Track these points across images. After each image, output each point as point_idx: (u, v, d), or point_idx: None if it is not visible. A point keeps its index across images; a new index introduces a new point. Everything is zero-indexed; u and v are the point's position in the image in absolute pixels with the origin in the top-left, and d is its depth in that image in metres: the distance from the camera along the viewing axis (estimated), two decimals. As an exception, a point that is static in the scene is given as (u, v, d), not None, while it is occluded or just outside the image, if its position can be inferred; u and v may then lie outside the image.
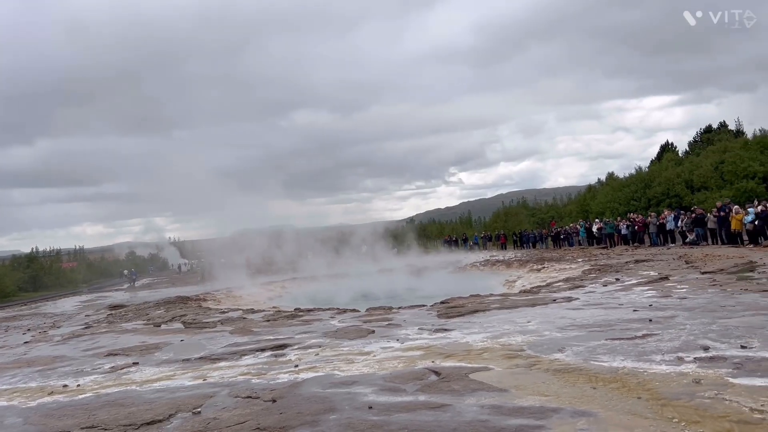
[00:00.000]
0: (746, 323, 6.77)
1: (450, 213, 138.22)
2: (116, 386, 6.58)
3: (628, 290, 11.30)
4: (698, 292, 9.93)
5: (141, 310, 17.30)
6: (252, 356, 7.78)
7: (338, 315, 11.85)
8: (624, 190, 44.05)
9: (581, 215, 44.22)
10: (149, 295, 25.46)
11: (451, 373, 5.60)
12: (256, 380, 6.18)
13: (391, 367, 6.22)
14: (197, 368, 7.29)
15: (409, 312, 11.29)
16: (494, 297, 12.57)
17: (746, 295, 8.97)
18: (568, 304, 10.23)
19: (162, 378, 6.85)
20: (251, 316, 13.06)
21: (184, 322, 12.68)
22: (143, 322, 13.77)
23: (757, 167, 34.78)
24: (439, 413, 4.37)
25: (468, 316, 9.77)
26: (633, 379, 4.87)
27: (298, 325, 10.72)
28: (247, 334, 9.97)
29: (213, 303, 19.80)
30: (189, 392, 5.87)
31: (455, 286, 19.96)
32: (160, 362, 7.98)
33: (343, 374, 6.06)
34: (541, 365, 5.69)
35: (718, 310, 7.84)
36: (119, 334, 11.78)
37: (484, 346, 6.96)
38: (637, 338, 6.53)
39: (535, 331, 7.67)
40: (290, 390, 5.52)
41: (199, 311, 15.59)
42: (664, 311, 8.21)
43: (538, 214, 61.45)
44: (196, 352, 8.48)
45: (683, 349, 5.79)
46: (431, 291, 19.53)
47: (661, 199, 38.86)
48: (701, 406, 4.00)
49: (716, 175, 37.00)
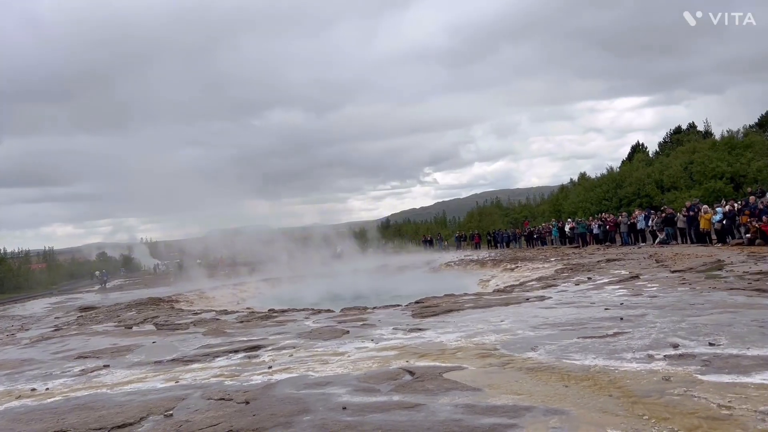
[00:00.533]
0: (714, 321, 6.89)
1: (425, 213, 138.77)
2: (86, 389, 6.47)
3: (599, 289, 11.44)
4: (668, 290, 10.09)
5: (112, 311, 17.06)
6: (225, 358, 7.71)
7: (313, 315, 11.81)
8: (596, 190, 44.63)
9: (554, 215, 44.70)
10: (120, 297, 25.12)
11: (425, 372, 5.61)
12: (229, 382, 6.12)
13: (365, 367, 6.21)
14: (169, 370, 7.20)
15: (383, 312, 11.29)
16: (468, 296, 12.63)
17: (714, 294, 9.14)
18: (541, 303, 10.32)
19: (133, 380, 6.75)
20: (224, 317, 12.96)
21: (156, 324, 12.53)
22: (114, 323, 13.57)
23: (725, 168, 35.50)
24: (413, 413, 4.38)
25: (442, 316, 9.80)
26: (604, 377, 4.92)
27: (272, 326, 10.66)
28: (221, 336, 9.89)
29: (186, 304, 19.63)
30: (161, 395, 5.80)
31: (430, 285, 20.03)
32: (132, 364, 7.87)
33: (318, 375, 6.04)
34: (514, 364, 5.72)
35: (688, 309, 7.97)
36: (90, 336, 11.59)
37: (458, 345, 6.99)
38: (608, 336, 6.61)
39: (508, 330, 7.73)
40: (264, 391, 5.48)
41: (172, 313, 15.42)
42: (635, 309, 8.32)
43: (511, 214, 61.99)
44: (168, 354, 8.38)
45: (653, 346, 5.88)
46: (406, 290, 19.57)
47: (632, 199, 39.43)
48: (671, 403, 4.06)
49: (685, 175, 37.67)
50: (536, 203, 65.61)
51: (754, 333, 6.04)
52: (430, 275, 27.01)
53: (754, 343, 5.58)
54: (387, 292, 20.96)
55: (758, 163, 34.64)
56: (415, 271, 28.37)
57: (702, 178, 36.13)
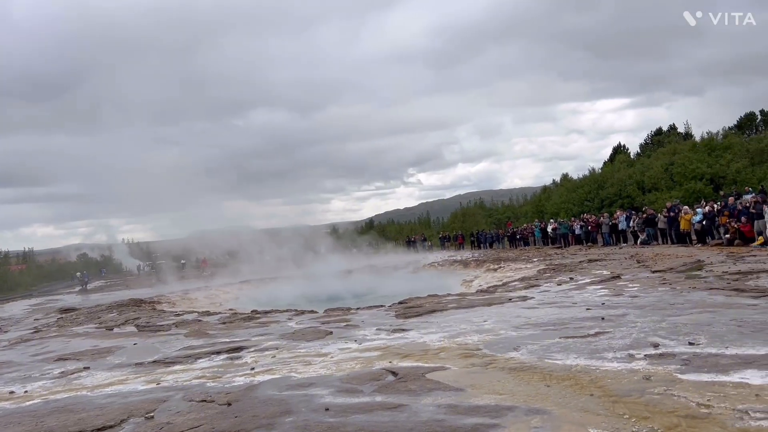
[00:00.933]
0: (694, 320, 6.97)
1: (409, 213, 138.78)
2: (66, 392, 6.40)
3: (581, 289, 11.52)
4: (649, 290, 10.19)
5: (93, 313, 16.89)
6: (207, 359, 7.66)
7: (296, 316, 11.77)
8: (578, 191, 44.98)
9: (537, 216, 44.95)
10: (102, 298, 24.88)
11: (408, 373, 5.61)
12: (211, 383, 6.09)
13: (348, 368, 6.21)
14: (151, 372, 7.14)
15: (367, 313, 11.29)
16: (452, 297, 12.66)
17: (694, 293, 9.24)
18: (524, 303, 10.37)
19: (114, 382, 6.69)
20: (207, 319, 12.88)
21: (138, 326, 12.42)
22: (95, 325, 13.44)
23: (705, 169, 35.92)
24: (395, 413, 4.38)
25: (426, 316, 9.81)
26: (586, 376, 4.96)
27: (255, 327, 10.61)
28: (203, 337, 9.83)
29: (168, 305, 19.48)
30: (142, 397, 5.75)
31: (414, 286, 20.06)
32: (113, 366, 7.80)
33: (300, 376, 6.02)
34: (496, 364, 5.75)
35: (668, 308, 8.05)
36: (70, 338, 11.47)
37: (441, 345, 7.00)
38: (589, 336, 6.66)
39: (491, 330, 7.76)
40: (246, 393, 5.45)
41: (153, 314, 15.30)
42: (616, 309, 8.39)
43: (494, 214, 62.28)
44: (149, 356, 8.32)
45: (634, 346, 5.93)
46: (390, 291, 19.58)
47: (613, 199, 39.77)
48: (651, 402, 4.10)
49: (666, 176, 38.07)
50: (519, 204, 66.06)
51: (732, 332, 6.12)
52: (413, 276, 27.04)
53: (733, 343, 5.65)
54: (371, 293, 20.96)
55: (737, 164, 35.08)
56: (398, 272, 28.38)
57: (682, 180, 36.54)
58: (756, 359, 4.98)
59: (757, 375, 4.53)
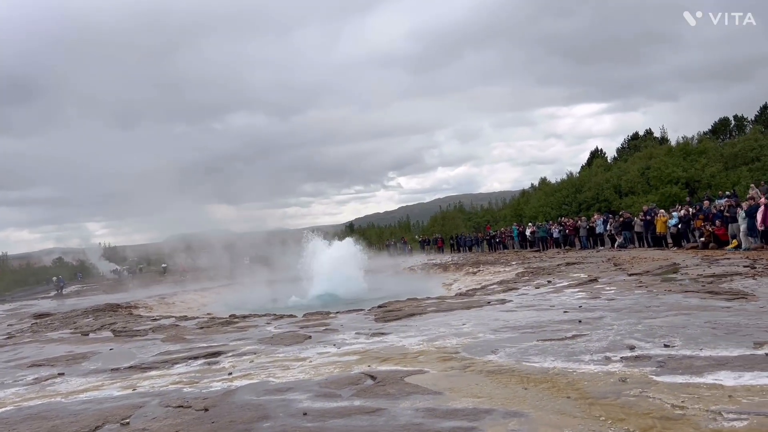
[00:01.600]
0: (669, 323, 7.05)
1: (389, 217, 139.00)
2: (40, 398, 6.30)
3: (559, 292, 11.60)
4: (625, 293, 10.30)
5: (68, 318, 16.66)
6: (184, 364, 7.59)
7: (275, 321, 11.70)
8: (556, 194, 45.39)
9: (515, 219, 45.24)
10: (77, 303, 24.55)
11: (386, 377, 5.61)
12: (188, 389, 6.03)
13: (327, 372, 6.19)
14: (127, 378, 7.06)
15: (346, 316, 11.26)
16: (431, 300, 12.69)
17: (670, 296, 9.36)
18: (502, 306, 10.43)
19: (89, 389, 6.59)
20: (184, 323, 12.76)
21: (114, 330, 12.27)
22: (70, 330, 13.25)
23: (680, 173, 36.46)
24: (374, 418, 4.37)
25: (405, 320, 9.82)
26: (563, 379, 4.99)
27: (233, 331, 10.54)
28: (180, 342, 9.73)
29: (144, 310, 19.29)
30: (117, 403, 5.67)
31: (393, 289, 20.07)
32: (88, 372, 7.69)
33: (278, 381, 5.98)
34: (475, 367, 5.76)
35: (644, 311, 8.14)
36: (44, 343, 11.30)
37: (420, 349, 7.01)
38: (567, 339, 6.71)
39: (469, 333, 7.78)
40: (223, 398, 5.40)
41: (130, 319, 15.13)
42: (593, 312, 8.47)
43: (474, 218, 62.58)
44: (125, 361, 8.21)
45: (610, 348, 5.98)
46: (370, 294, 19.56)
47: (591, 203, 40.18)
48: (627, 404, 4.14)
49: (642, 180, 38.57)
50: (498, 208, 66.46)
51: (706, 334, 6.20)
52: (393, 279, 27.04)
53: (707, 344, 5.73)
54: (351, 296, 20.90)
55: (712, 168, 35.67)
56: (378, 275, 28.36)
57: (658, 183, 37.04)
58: (729, 361, 5.05)
59: (730, 376, 4.60)
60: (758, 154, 35.25)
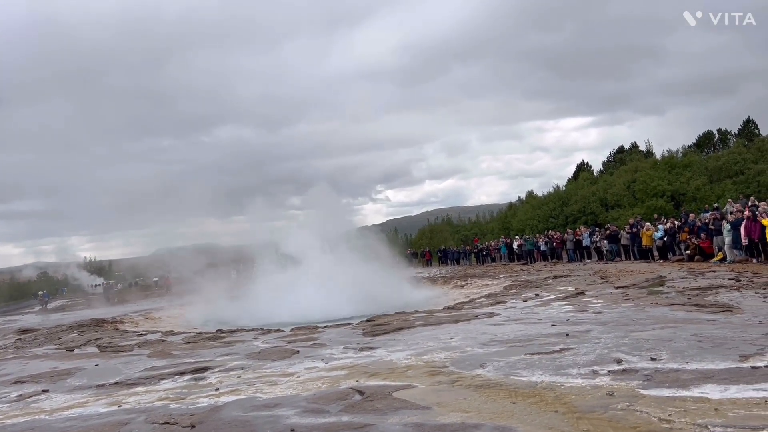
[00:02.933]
0: (656, 336, 7.09)
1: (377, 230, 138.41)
2: (23, 416, 6.21)
3: (546, 305, 11.63)
4: (612, 306, 10.34)
5: (53, 333, 16.46)
6: (171, 380, 7.52)
7: (262, 336, 11.63)
8: (543, 207, 45.61)
9: (503, 232, 45.39)
10: (62, 318, 24.29)
11: (374, 392, 5.59)
12: (174, 405, 5.97)
13: (314, 387, 6.16)
14: (112, 394, 6.98)
15: (334, 331, 11.21)
16: (419, 314, 12.66)
17: (656, 309, 9.41)
18: (490, 319, 10.43)
19: (74, 405, 6.51)
20: (170, 339, 12.65)
21: (99, 346, 12.14)
22: (55, 346, 13.10)
23: (666, 186, 36.78)
24: (362, 433, 4.35)
25: (393, 334, 9.80)
26: (550, 393, 5.00)
27: (220, 347, 10.46)
28: (166, 357, 9.64)
29: (130, 325, 19.08)
30: (103, 419, 5.61)
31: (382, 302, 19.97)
32: (73, 389, 7.60)
33: (266, 396, 5.95)
34: (463, 381, 5.76)
35: (631, 324, 8.18)
36: (28, 359, 11.16)
37: (408, 363, 6.99)
38: (554, 352, 6.73)
39: (457, 347, 7.77)
40: (210, 414, 5.36)
41: (116, 334, 14.98)
42: (580, 325, 8.50)
43: (462, 231, 62.73)
44: (111, 377, 8.13)
45: (598, 362, 6.00)
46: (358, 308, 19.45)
47: (577, 216, 40.40)
48: (614, 418, 4.15)
49: (628, 193, 38.86)
50: (486, 221, 66.66)
51: (692, 347, 6.24)
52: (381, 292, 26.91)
53: (693, 358, 5.76)
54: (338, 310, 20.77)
55: (696, 182, 36.02)
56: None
57: (644, 196, 37.33)
58: (715, 374, 5.08)
59: (716, 389, 4.63)
60: (742, 168, 35.66)
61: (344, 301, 18.62)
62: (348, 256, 22.70)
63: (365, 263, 22.58)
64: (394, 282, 22.62)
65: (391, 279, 22.81)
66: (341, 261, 22.27)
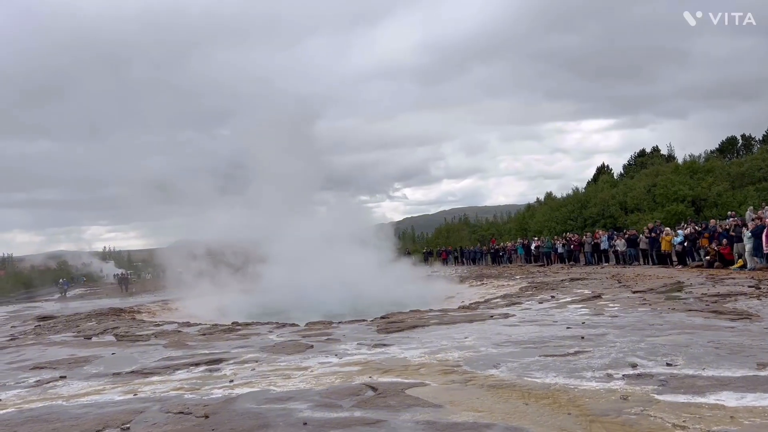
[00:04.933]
0: (672, 341, 7.03)
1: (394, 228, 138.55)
2: (41, 401, 6.31)
3: (562, 308, 11.57)
4: (629, 310, 10.26)
5: (71, 321, 16.68)
6: (186, 370, 7.59)
7: (277, 329, 11.70)
8: (561, 209, 45.27)
9: (520, 233, 45.18)
10: (81, 306, 24.57)
11: (387, 388, 5.60)
12: (189, 395, 6.03)
13: (328, 382, 6.18)
14: (128, 382, 7.06)
15: (349, 327, 11.25)
16: (434, 312, 12.67)
17: (673, 315, 9.33)
18: (505, 320, 10.40)
19: (90, 392, 6.60)
20: (186, 330, 12.77)
21: (117, 335, 12.28)
22: (73, 334, 13.27)
23: (687, 191, 36.34)
24: (374, 429, 4.37)
25: (407, 332, 9.81)
26: (564, 395, 4.98)
27: (235, 339, 10.54)
28: (182, 348, 9.74)
29: (147, 315, 19.27)
30: (118, 407, 5.68)
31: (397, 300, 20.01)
32: (89, 376, 7.70)
33: (279, 390, 5.98)
34: (476, 381, 5.76)
35: (647, 329, 8.12)
36: (47, 346, 11.32)
37: (422, 361, 7.00)
38: (569, 355, 6.70)
39: (471, 347, 7.77)
40: (224, 405, 5.41)
41: (133, 324, 15.14)
42: (596, 329, 8.45)
43: (479, 231, 62.53)
44: (127, 366, 8.22)
45: (613, 366, 5.97)
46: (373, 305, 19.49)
47: (596, 219, 40.06)
48: (627, 422, 4.13)
49: (648, 197, 38.46)
50: (503, 221, 66.40)
51: (710, 354, 6.18)
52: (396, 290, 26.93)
53: (710, 364, 5.71)
54: (353, 306, 20.83)
55: (718, 187, 35.56)
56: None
57: (664, 201, 36.92)
58: (732, 381, 5.04)
59: (732, 397, 4.59)
60: (765, 174, 35.17)
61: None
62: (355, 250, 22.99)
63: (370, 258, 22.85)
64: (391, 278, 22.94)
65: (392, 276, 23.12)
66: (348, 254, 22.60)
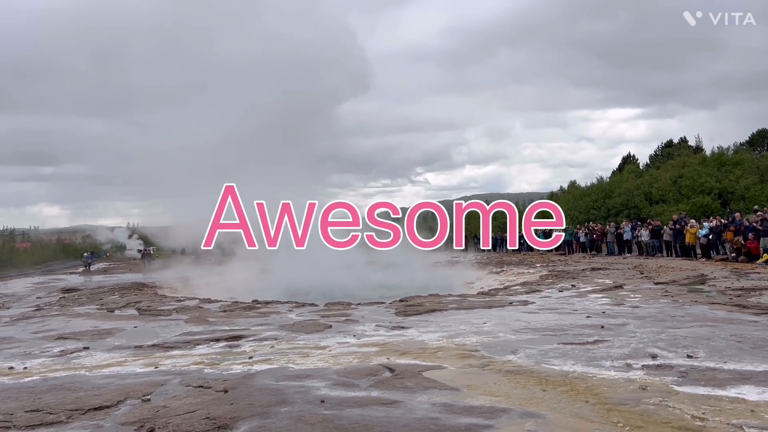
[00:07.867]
0: (694, 334, 6.96)
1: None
2: (65, 370, 6.45)
3: (582, 297, 11.50)
4: (650, 301, 10.17)
5: (95, 294, 16.97)
6: (206, 346, 7.70)
7: (296, 308, 11.79)
8: (585, 198, 44.80)
9: (542, 221, 44.75)
10: (104, 280, 24.97)
11: (404, 370, 5.63)
12: (208, 370, 6.12)
13: (345, 362, 6.23)
14: (149, 355, 7.18)
15: (367, 308, 11.30)
16: (452, 297, 12.66)
17: (695, 307, 9.22)
18: (524, 307, 10.37)
19: (113, 364, 6.73)
20: (208, 306, 12.92)
21: (139, 309, 12.47)
22: (96, 306, 13.50)
23: (714, 183, 35.74)
24: (390, 409, 4.40)
25: (425, 315, 9.83)
26: (582, 383, 4.96)
27: (255, 316, 10.64)
28: (203, 324, 9.86)
29: (169, 291, 19.54)
30: (139, 379, 5.79)
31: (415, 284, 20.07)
32: (112, 348, 7.84)
33: (298, 367, 6.04)
34: (493, 366, 5.76)
35: (668, 320, 8.04)
36: (71, 317, 11.53)
37: (439, 345, 7.02)
38: (588, 344, 6.66)
39: (490, 332, 7.76)
40: (243, 381, 5.48)
41: (155, 298, 15.36)
42: (616, 319, 8.39)
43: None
44: (149, 339, 8.36)
45: (632, 356, 5.93)
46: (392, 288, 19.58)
47: (620, 209, 39.61)
48: (646, 412, 4.10)
49: (674, 188, 37.89)
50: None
51: (731, 347, 6.11)
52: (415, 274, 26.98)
53: (731, 358, 5.65)
54: (372, 288, 20.92)
55: (746, 180, 34.92)
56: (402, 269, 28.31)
57: (690, 193, 36.37)
58: (753, 375, 4.98)
59: (753, 391, 4.54)
60: (796, 168, 34.47)
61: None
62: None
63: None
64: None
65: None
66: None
